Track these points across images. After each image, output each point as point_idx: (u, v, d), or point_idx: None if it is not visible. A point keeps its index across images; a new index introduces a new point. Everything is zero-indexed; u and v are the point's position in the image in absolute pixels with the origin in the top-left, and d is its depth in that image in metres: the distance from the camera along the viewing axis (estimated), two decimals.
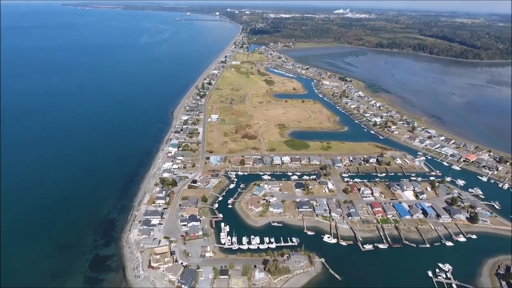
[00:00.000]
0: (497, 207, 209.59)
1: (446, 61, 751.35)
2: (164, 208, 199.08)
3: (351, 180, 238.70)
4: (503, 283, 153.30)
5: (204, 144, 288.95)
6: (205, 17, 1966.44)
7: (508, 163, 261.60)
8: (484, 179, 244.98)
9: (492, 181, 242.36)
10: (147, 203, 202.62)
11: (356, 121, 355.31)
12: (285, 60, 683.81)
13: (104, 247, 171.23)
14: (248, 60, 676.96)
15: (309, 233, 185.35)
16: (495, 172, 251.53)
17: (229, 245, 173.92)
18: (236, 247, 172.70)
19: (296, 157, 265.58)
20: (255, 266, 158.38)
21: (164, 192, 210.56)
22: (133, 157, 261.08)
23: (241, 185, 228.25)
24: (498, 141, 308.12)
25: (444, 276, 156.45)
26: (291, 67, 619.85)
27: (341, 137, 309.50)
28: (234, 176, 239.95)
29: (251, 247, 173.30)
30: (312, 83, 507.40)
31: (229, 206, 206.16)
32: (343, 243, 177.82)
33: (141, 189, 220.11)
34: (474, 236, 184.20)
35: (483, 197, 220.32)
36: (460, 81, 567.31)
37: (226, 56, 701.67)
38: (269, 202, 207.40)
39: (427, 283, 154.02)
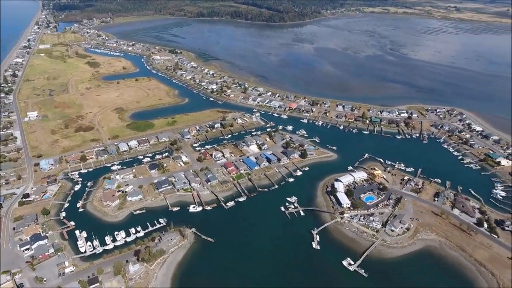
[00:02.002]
0: (317, 140, 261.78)
1: (259, 25, 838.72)
2: None
3: (203, 148, 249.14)
4: (331, 197, 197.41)
5: (27, 149, 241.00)
6: None
7: (318, 105, 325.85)
8: (305, 121, 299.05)
9: (311, 121, 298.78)
10: None
11: (194, 92, 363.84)
12: (107, 38, 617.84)
13: None
14: (61, 41, 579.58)
15: (175, 209, 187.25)
16: (311, 113, 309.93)
17: (91, 251, 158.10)
18: (101, 250, 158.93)
19: (143, 138, 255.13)
20: (127, 261, 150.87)
21: None
22: None
23: (89, 184, 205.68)
24: (307, 88, 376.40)
25: (293, 207, 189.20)
26: (115, 44, 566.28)
27: (183, 110, 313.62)
28: (78, 176, 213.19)
29: (118, 243, 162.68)
30: (142, 60, 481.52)
31: (80, 210, 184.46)
32: (208, 208, 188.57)
33: None
34: (307, 168, 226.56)
35: (307, 135, 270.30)
36: (273, 42, 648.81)
37: (29, 40, 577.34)
38: (126, 192, 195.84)
39: (282, 216, 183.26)
